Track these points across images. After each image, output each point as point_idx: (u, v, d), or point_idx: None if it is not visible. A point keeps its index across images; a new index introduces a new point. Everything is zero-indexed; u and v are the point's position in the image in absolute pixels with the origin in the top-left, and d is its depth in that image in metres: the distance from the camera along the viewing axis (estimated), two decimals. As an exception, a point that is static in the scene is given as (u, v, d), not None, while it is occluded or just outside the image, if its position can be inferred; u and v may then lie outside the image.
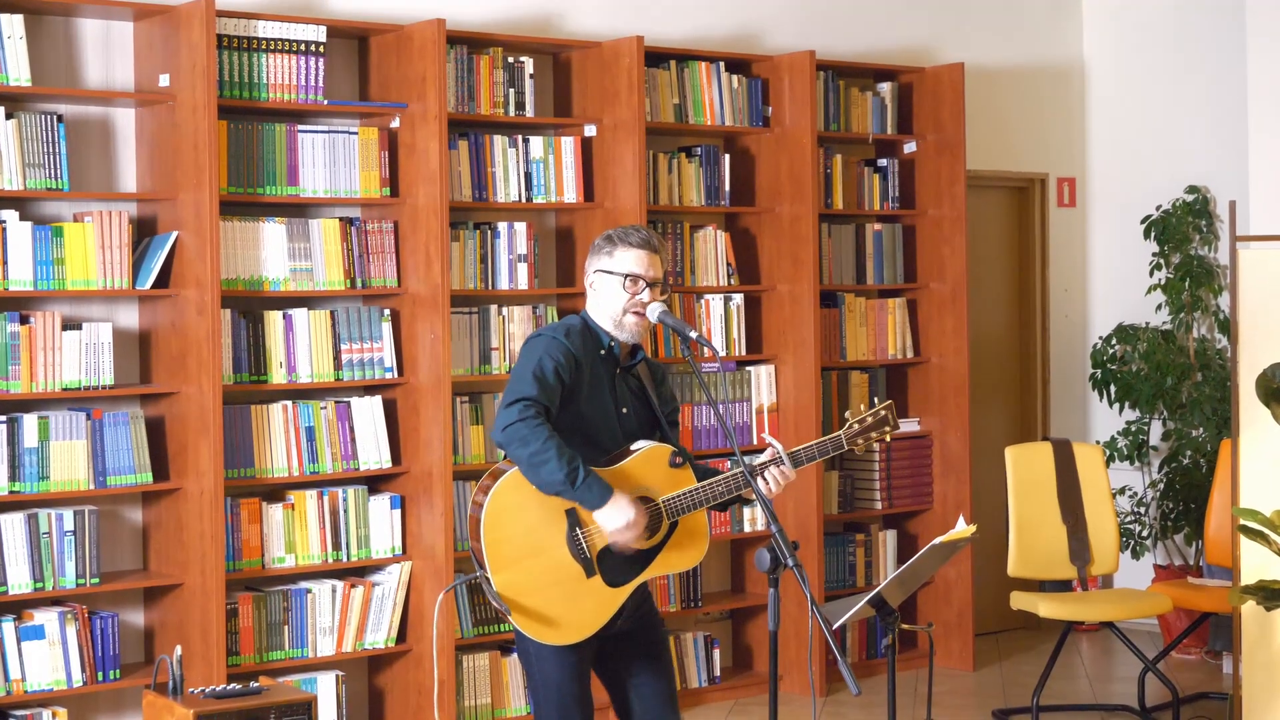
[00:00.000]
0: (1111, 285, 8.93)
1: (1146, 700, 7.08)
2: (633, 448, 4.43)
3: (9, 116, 5.76)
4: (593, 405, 4.43)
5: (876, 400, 4.75)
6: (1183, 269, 8.39)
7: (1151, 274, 8.54)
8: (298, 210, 6.48)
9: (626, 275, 4.45)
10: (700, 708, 7.15)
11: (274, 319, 6.26)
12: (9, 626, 5.73)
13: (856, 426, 4.59)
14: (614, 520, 4.29)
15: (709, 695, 7.25)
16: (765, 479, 4.43)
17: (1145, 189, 8.69)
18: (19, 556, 5.74)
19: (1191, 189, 8.52)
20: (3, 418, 5.73)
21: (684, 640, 7.20)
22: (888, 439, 4.63)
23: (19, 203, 5.90)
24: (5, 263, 5.75)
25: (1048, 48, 8.91)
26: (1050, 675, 6.97)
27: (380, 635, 6.44)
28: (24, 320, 5.78)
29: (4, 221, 5.77)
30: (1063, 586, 7.49)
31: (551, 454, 4.22)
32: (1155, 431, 8.59)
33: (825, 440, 4.55)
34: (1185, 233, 8.44)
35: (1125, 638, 6.99)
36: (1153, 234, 8.53)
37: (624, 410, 4.49)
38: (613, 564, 4.37)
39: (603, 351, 4.48)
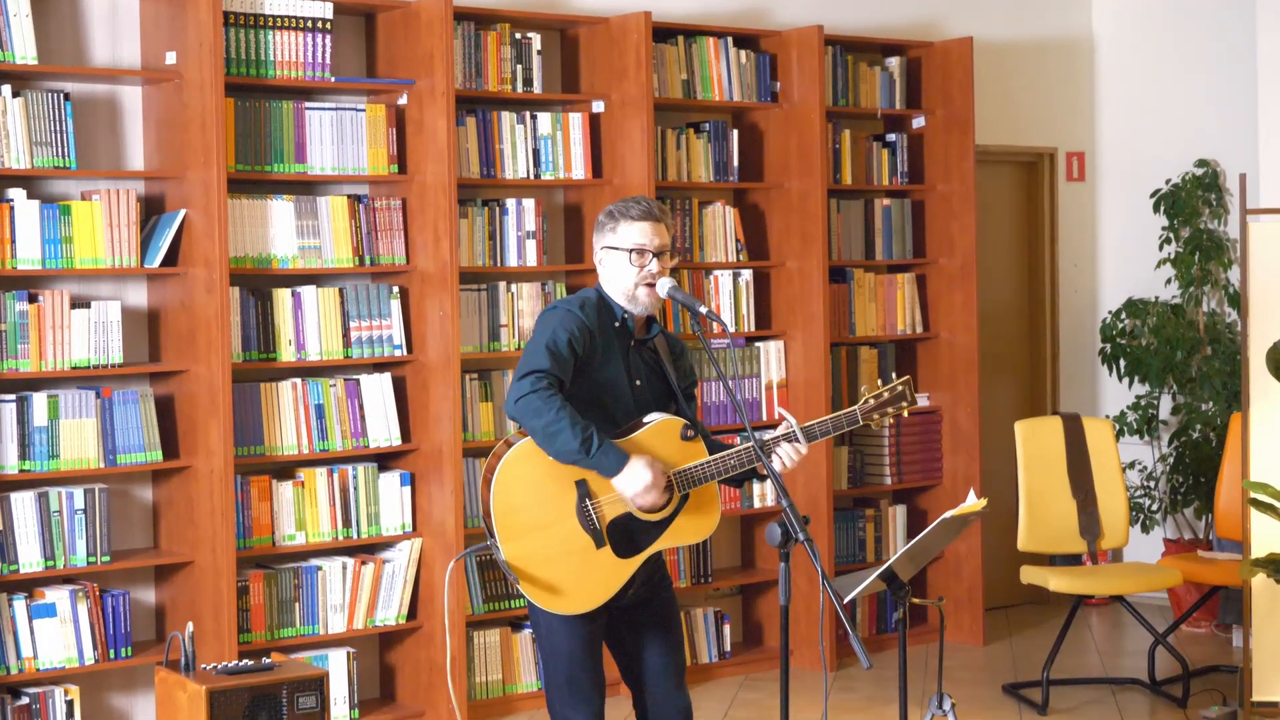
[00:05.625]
0: (1121, 259, 8.91)
1: (1157, 673, 7.08)
2: (645, 420, 4.43)
3: (16, 95, 5.75)
4: (606, 377, 4.43)
5: (894, 375, 4.69)
6: (1192, 243, 8.37)
7: (1161, 248, 8.52)
8: (306, 188, 6.47)
9: (632, 249, 4.45)
10: (711, 683, 7.16)
11: (283, 297, 6.26)
12: (20, 605, 5.74)
13: (872, 402, 4.53)
14: (633, 484, 4.29)
15: (719, 670, 7.26)
16: (778, 455, 4.42)
17: (1154, 162, 8.66)
18: (30, 535, 5.75)
19: (1201, 162, 8.49)
20: (12, 396, 5.74)
21: (694, 616, 7.21)
22: (905, 414, 4.58)
23: (26, 181, 5.89)
24: (13, 241, 5.75)
25: (1056, 21, 8.88)
26: (1060, 649, 6.97)
27: (391, 612, 6.45)
28: (32, 299, 5.78)
29: (11, 200, 5.77)
30: (1072, 561, 7.50)
31: (565, 424, 4.23)
32: (1165, 406, 8.58)
33: (840, 415, 4.51)
34: (1195, 206, 8.41)
35: (1135, 611, 6.99)
36: (1162, 208, 8.51)
37: (637, 382, 4.48)
38: (622, 535, 4.37)
39: (617, 324, 4.48)
